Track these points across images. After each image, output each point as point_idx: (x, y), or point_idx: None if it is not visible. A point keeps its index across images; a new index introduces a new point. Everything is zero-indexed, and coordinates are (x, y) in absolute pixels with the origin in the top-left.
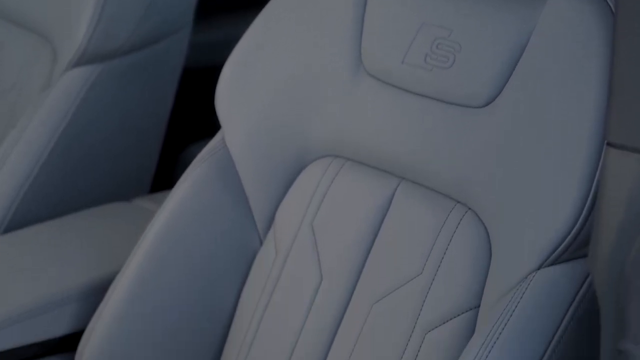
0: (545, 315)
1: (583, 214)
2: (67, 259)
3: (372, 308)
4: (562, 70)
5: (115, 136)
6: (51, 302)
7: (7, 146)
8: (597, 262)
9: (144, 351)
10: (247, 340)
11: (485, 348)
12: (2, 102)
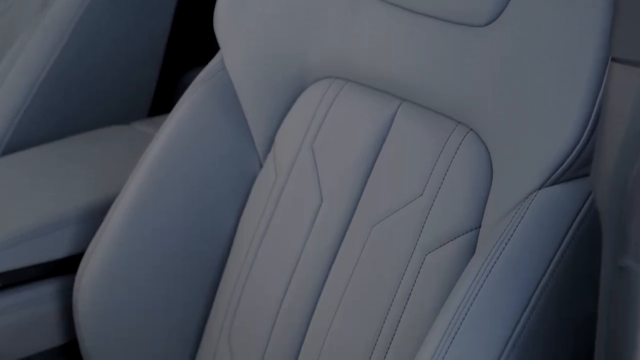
0: (546, 234)
1: (586, 132)
2: (66, 181)
3: (372, 230)
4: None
5: (113, 59)
6: (50, 224)
7: (5, 65)
8: (600, 179)
9: (143, 273)
10: (247, 262)
11: (485, 268)
12: (1, 20)
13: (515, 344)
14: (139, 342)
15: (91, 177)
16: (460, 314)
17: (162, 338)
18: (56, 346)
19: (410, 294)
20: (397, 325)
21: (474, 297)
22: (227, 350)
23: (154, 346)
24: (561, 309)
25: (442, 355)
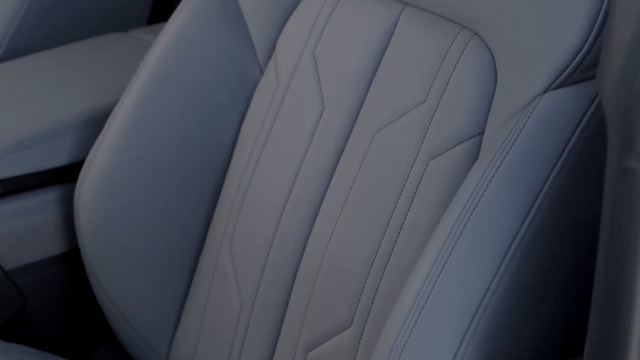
0: (550, 139)
1: (593, 32)
2: (65, 88)
3: (374, 136)
4: None
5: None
6: (49, 131)
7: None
8: (606, 80)
9: (143, 180)
10: (248, 169)
11: (488, 173)
12: None
13: (517, 248)
14: (140, 249)
15: (90, 84)
16: (463, 219)
17: (164, 245)
18: (57, 254)
19: (413, 200)
20: (399, 231)
21: (477, 203)
22: (229, 257)
23: (155, 253)
24: (564, 213)
25: (446, 257)
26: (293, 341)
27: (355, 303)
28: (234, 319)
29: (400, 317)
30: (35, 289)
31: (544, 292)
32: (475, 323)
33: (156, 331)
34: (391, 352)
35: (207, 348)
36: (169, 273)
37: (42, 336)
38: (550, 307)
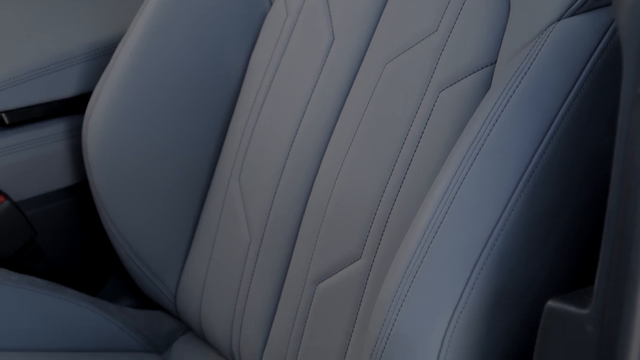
0: (564, 67)
1: None
2: (73, 19)
3: (385, 67)
4: None
5: None
6: (57, 62)
7: None
8: (623, 5)
9: (152, 111)
10: (257, 102)
11: (500, 103)
12: None
13: (528, 180)
14: (149, 182)
15: (98, 15)
16: (474, 150)
17: (173, 177)
18: (66, 186)
19: (424, 131)
20: (409, 162)
21: (488, 134)
22: (238, 190)
23: (164, 185)
24: (575, 145)
25: (456, 188)
26: (302, 273)
27: (364, 235)
28: (243, 252)
29: (410, 247)
30: (44, 221)
31: (554, 224)
32: (486, 253)
33: (165, 264)
34: (401, 283)
35: (216, 281)
36: (177, 206)
37: (52, 268)
38: (560, 238)
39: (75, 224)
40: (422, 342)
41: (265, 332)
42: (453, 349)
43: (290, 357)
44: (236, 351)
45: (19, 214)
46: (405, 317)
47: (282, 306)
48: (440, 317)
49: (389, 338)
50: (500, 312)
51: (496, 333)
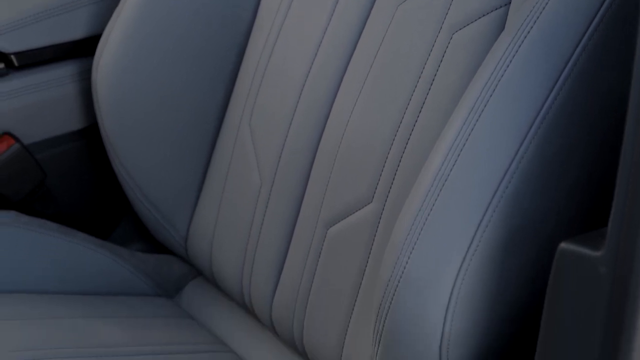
0: (578, 9)
1: None
2: None
3: (397, 9)
4: None
5: None
6: (68, 2)
7: None
8: None
9: (162, 53)
10: (268, 43)
11: (513, 45)
12: None
13: (541, 123)
14: (159, 124)
15: None
16: (487, 92)
17: (183, 120)
18: (76, 129)
19: (437, 73)
20: (422, 105)
21: (502, 75)
22: (248, 133)
23: (174, 128)
24: (588, 86)
25: (469, 131)
26: (313, 217)
27: (376, 178)
28: (254, 195)
29: (422, 189)
30: (54, 164)
31: (566, 167)
32: (499, 195)
33: (175, 207)
34: (413, 225)
35: (227, 224)
36: (187, 149)
37: (63, 211)
38: (572, 181)
39: (85, 168)
40: (434, 284)
41: (276, 276)
42: (465, 290)
43: (301, 300)
44: (247, 295)
45: (29, 156)
46: (417, 259)
47: (293, 250)
48: (452, 258)
49: (401, 280)
50: (512, 254)
51: (508, 275)
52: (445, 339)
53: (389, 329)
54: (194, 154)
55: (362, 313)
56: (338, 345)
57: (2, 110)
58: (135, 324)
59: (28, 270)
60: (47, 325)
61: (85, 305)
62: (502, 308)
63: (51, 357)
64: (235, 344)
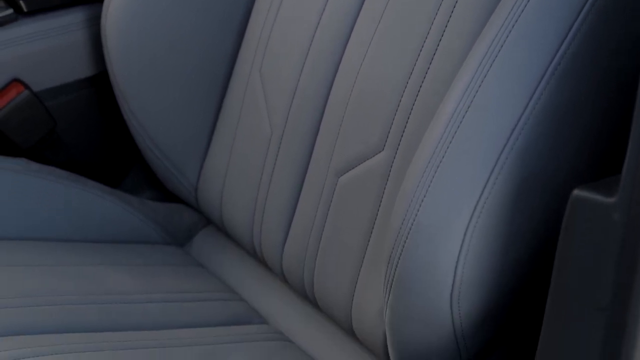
0: None
1: None
2: None
3: None
4: None
5: None
6: None
7: None
8: None
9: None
10: None
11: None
12: None
13: (555, 70)
14: (169, 71)
15: None
16: (500, 40)
17: (192, 67)
18: (86, 77)
19: (449, 19)
20: (434, 51)
21: (515, 22)
22: (259, 82)
23: (184, 75)
24: (602, 35)
25: (482, 78)
26: (324, 166)
27: (387, 127)
28: (265, 144)
29: (434, 137)
30: (64, 111)
31: (579, 115)
32: (511, 143)
33: (185, 155)
34: (424, 173)
35: (237, 173)
36: (197, 97)
37: (73, 160)
38: (584, 131)
39: (95, 115)
40: (445, 232)
41: (286, 225)
42: (476, 238)
43: (312, 249)
44: (257, 243)
45: (39, 103)
46: (429, 207)
47: (304, 199)
48: (463, 207)
49: (412, 228)
50: (523, 203)
51: (519, 223)
52: (456, 286)
53: (400, 276)
54: (204, 101)
55: (372, 261)
56: (348, 293)
57: (11, 57)
58: (146, 272)
59: (38, 217)
60: (56, 272)
61: (94, 252)
62: (512, 257)
63: (60, 304)
64: (245, 292)
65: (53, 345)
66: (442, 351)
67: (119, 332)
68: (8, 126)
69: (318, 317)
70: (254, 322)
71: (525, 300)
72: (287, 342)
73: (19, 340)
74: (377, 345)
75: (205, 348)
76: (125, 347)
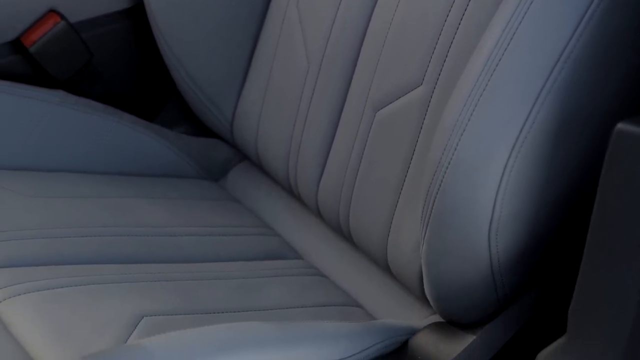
0: None
1: None
2: None
3: None
4: None
5: None
6: None
7: None
8: None
9: None
10: None
11: None
12: None
13: (598, 5)
14: (205, 4)
15: None
16: None
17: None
18: (123, 9)
19: None
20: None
21: None
22: (296, 14)
23: (220, 8)
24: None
25: (523, 12)
26: (361, 100)
27: (426, 61)
28: (301, 78)
29: (474, 71)
30: (101, 43)
31: (621, 50)
32: (552, 79)
33: (221, 89)
34: (464, 108)
35: (274, 108)
36: (234, 30)
37: (109, 92)
38: (627, 64)
39: (132, 48)
40: (484, 167)
41: (322, 160)
42: (516, 174)
43: (348, 184)
44: (293, 178)
45: (75, 35)
46: (468, 141)
47: (340, 133)
48: (503, 142)
49: (451, 162)
50: (563, 139)
51: (559, 159)
52: (494, 221)
53: (438, 211)
54: (240, 34)
55: (409, 196)
56: (384, 228)
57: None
58: (181, 206)
59: (74, 149)
60: (92, 204)
61: (130, 185)
62: (552, 193)
63: (97, 235)
64: (280, 227)
65: (89, 275)
66: (479, 287)
67: (154, 264)
68: (45, 57)
69: (352, 253)
70: (288, 257)
71: (564, 237)
72: (321, 277)
73: (54, 270)
74: (412, 281)
75: (240, 281)
76: (160, 279)
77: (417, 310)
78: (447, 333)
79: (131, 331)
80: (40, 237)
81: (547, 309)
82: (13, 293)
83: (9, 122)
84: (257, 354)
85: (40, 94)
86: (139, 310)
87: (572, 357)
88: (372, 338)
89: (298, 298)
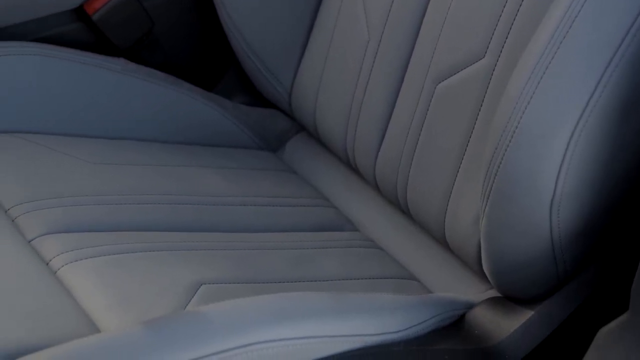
0: None
1: None
2: None
3: None
4: None
5: None
6: None
7: None
8: None
9: None
10: None
11: None
12: None
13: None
14: None
15: None
16: None
17: None
18: None
19: None
20: None
21: None
22: None
23: None
24: None
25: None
26: (422, 72)
27: (489, 33)
28: (362, 50)
29: (541, 42)
30: (162, 12)
31: None
32: (621, 51)
33: (281, 60)
34: (530, 79)
35: (333, 79)
36: (295, 1)
37: (169, 61)
38: None
39: (192, 18)
40: (549, 139)
41: (381, 132)
42: (581, 147)
43: (407, 156)
44: (350, 151)
45: (137, 3)
46: (533, 112)
47: (400, 106)
48: (569, 115)
49: (516, 132)
50: (631, 114)
51: (625, 134)
52: (557, 195)
53: (500, 183)
54: (301, 4)
55: (469, 169)
56: (443, 200)
57: None
58: (239, 175)
59: (135, 117)
60: (152, 172)
61: (189, 154)
62: (617, 168)
63: (157, 203)
64: (337, 199)
65: (149, 242)
66: (538, 262)
67: (212, 233)
68: (107, 26)
69: (410, 226)
70: (345, 228)
71: (627, 213)
72: (377, 249)
73: (115, 236)
74: (471, 256)
75: (297, 252)
76: (218, 247)
77: (474, 284)
78: (504, 308)
79: (190, 298)
80: (101, 203)
81: (608, 286)
82: (74, 258)
83: (72, 89)
84: (313, 324)
85: (102, 61)
86: (197, 277)
87: (635, 334)
88: (428, 311)
89: (354, 270)
